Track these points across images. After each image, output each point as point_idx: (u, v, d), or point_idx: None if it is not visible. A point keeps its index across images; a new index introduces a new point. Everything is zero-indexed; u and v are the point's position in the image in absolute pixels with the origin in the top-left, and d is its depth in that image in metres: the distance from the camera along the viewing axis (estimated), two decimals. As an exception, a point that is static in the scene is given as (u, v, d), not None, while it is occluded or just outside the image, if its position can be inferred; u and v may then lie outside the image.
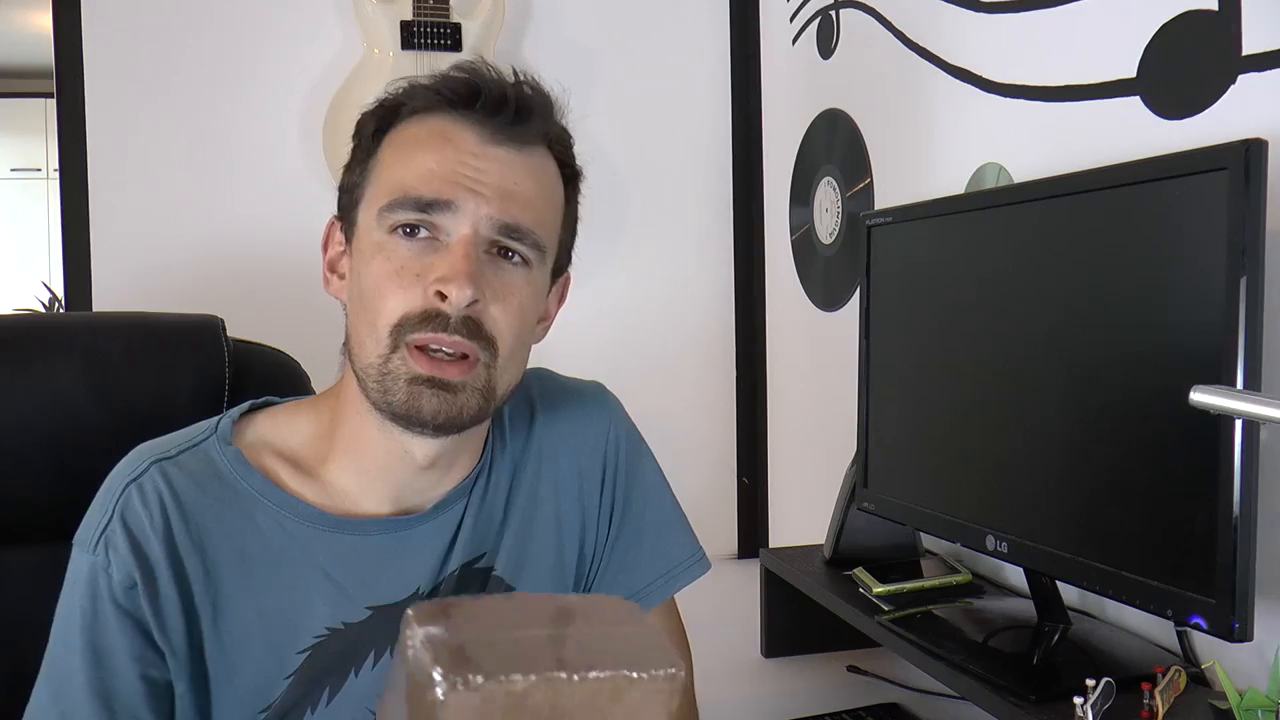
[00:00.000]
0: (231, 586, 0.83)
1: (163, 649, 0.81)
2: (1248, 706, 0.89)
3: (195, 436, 0.87)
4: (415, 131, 0.84)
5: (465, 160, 0.81)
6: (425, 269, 0.79)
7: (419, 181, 0.80)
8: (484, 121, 0.82)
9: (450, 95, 0.83)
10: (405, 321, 0.79)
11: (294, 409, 0.92)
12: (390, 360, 0.80)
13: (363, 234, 0.84)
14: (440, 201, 0.80)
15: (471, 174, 0.80)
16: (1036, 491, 1.08)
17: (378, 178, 0.84)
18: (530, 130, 0.83)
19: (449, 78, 0.84)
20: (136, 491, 0.82)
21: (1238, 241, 0.84)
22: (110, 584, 0.80)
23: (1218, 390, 0.71)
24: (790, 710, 1.27)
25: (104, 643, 0.80)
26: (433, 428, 0.81)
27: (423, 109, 0.84)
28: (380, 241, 0.81)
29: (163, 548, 0.81)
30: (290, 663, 0.84)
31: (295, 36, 1.98)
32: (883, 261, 1.36)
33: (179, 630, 0.81)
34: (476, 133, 0.82)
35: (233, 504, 0.84)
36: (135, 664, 0.80)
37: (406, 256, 0.80)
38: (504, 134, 0.82)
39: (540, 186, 0.84)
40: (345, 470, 0.87)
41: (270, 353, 1.11)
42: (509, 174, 0.82)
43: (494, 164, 0.81)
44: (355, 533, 0.86)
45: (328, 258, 0.89)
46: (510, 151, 0.82)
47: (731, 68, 2.21)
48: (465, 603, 0.43)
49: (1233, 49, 1.03)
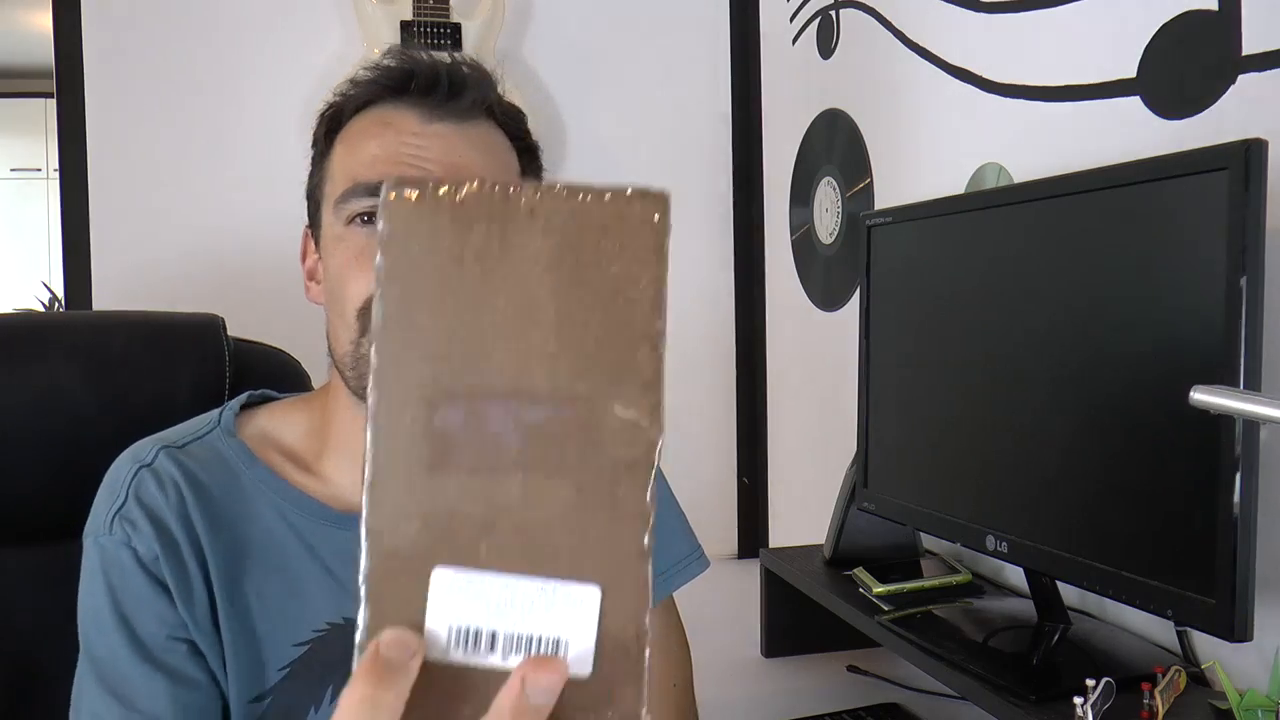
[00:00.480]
0: (237, 571, 0.83)
1: (187, 620, 0.81)
2: (1248, 706, 0.89)
3: (199, 429, 0.87)
4: (361, 124, 0.85)
5: (407, 141, 0.82)
6: None
7: (365, 169, 0.82)
8: (421, 101, 0.83)
9: (387, 82, 0.84)
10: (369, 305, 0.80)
11: (289, 405, 0.92)
12: (361, 345, 0.81)
13: (326, 231, 0.85)
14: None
15: (414, 152, 0.82)
16: (1036, 491, 1.08)
17: (332, 175, 0.85)
18: (466, 103, 0.84)
19: (384, 67, 0.85)
20: (150, 474, 0.82)
21: (1238, 241, 0.84)
22: (135, 556, 0.80)
23: (1218, 390, 0.71)
24: (790, 710, 1.27)
25: (138, 613, 0.80)
26: None
27: (365, 102, 0.85)
28: (340, 234, 0.83)
29: (180, 524, 0.81)
30: (286, 654, 0.84)
31: (295, 37, 1.98)
32: (883, 261, 1.36)
33: (203, 602, 0.81)
34: (416, 113, 0.83)
35: (239, 494, 0.84)
36: (170, 628, 0.80)
37: (364, 242, 0.81)
38: (442, 110, 0.83)
39: (487, 156, 0.85)
40: (339, 466, 0.87)
41: (270, 352, 1.12)
42: (451, 148, 0.83)
43: (435, 140, 0.82)
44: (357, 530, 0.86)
45: (306, 267, 0.91)
46: (450, 126, 0.83)
47: (731, 68, 2.21)
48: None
49: (1233, 49, 1.03)
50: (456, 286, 0.39)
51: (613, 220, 0.39)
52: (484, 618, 0.39)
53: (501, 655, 0.39)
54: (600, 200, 0.39)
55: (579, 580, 0.39)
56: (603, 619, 0.39)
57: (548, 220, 0.39)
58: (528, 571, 0.39)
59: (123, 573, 0.80)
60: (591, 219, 0.39)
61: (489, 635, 0.39)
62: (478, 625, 0.39)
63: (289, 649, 0.84)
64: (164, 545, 0.80)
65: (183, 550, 0.81)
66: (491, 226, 0.39)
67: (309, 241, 0.90)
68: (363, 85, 0.86)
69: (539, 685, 0.37)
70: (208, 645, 0.81)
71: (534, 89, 2.06)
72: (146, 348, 1.05)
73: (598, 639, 0.39)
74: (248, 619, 0.83)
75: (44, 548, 0.99)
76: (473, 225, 0.39)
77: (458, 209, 0.39)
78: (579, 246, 0.39)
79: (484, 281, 0.39)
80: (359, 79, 0.86)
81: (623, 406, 0.39)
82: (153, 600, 0.80)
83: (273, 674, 0.83)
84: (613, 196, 0.39)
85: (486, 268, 0.39)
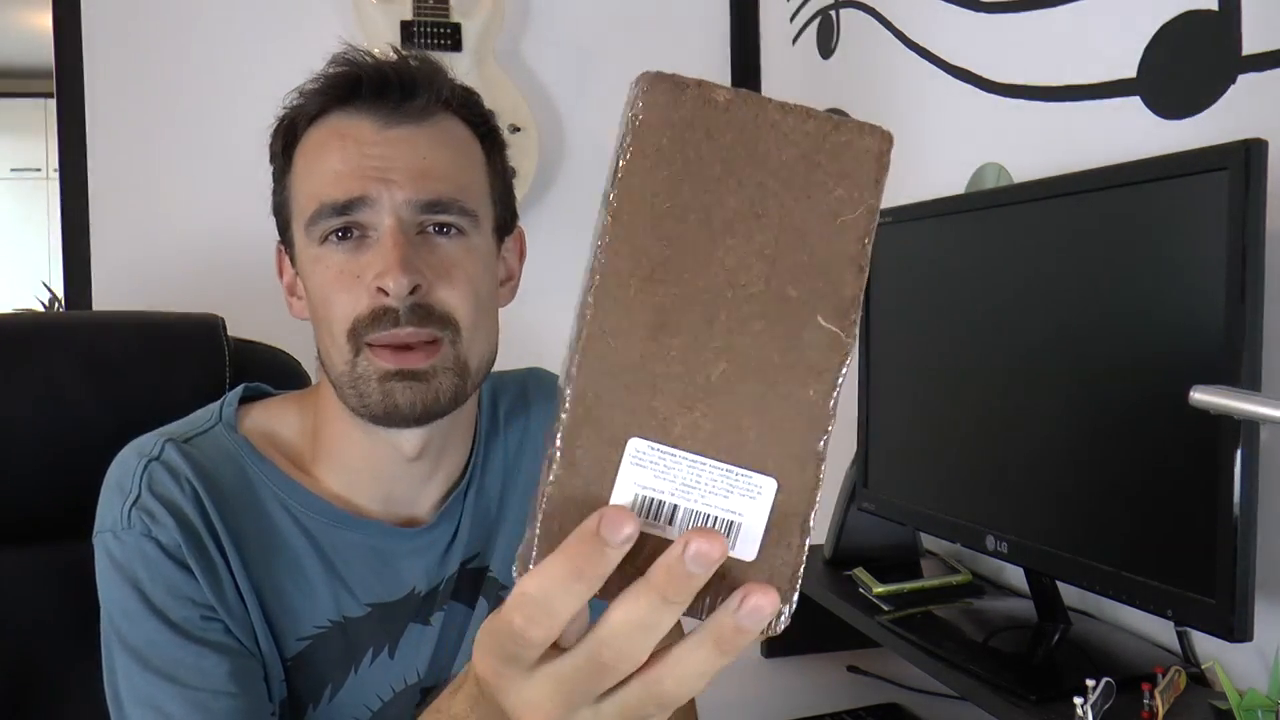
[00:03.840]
0: (252, 562, 0.83)
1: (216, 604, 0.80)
2: (1248, 706, 0.89)
3: (201, 424, 0.87)
4: (317, 137, 0.83)
5: (366, 151, 0.80)
6: (362, 268, 0.79)
7: (329, 186, 0.80)
8: (373, 107, 0.81)
9: (335, 91, 0.82)
10: (357, 324, 0.79)
11: (285, 402, 0.92)
12: (356, 365, 0.80)
13: (300, 251, 0.84)
14: (354, 200, 0.79)
15: (375, 163, 0.80)
16: (1036, 491, 1.08)
17: (296, 194, 0.83)
18: (421, 102, 0.82)
19: (330, 75, 0.83)
20: (160, 466, 0.82)
21: (1238, 241, 0.84)
22: (159, 546, 0.79)
23: (1218, 390, 0.71)
24: (790, 710, 1.27)
25: (170, 599, 0.79)
26: (413, 420, 0.80)
27: (317, 113, 0.83)
28: (316, 254, 0.81)
29: (197, 514, 0.81)
30: (289, 648, 0.84)
31: (295, 36, 1.98)
32: (883, 261, 1.36)
33: (230, 588, 0.81)
34: (370, 120, 0.81)
35: (247, 488, 0.84)
36: (203, 609, 0.80)
37: (342, 260, 0.80)
38: (397, 114, 0.81)
39: (452, 153, 0.83)
40: (334, 469, 0.87)
41: (270, 352, 1.12)
42: (413, 152, 0.81)
43: (395, 147, 0.80)
44: (359, 531, 0.86)
45: (285, 282, 0.89)
46: (408, 129, 0.81)
47: (731, 68, 2.21)
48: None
49: (1233, 49, 1.03)
50: (696, 179, 0.41)
51: (843, 148, 0.41)
52: (668, 491, 0.41)
53: (678, 529, 0.41)
54: (835, 127, 0.42)
55: (760, 471, 0.41)
56: (773, 511, 0.41)
57: (787, 136, 0.41)
58: (714, 455, 0.41)
59: (148, 563, 0.79)
60: (825, 143, 0.41)
61: (670, 509, 0.41)
62: (661, 497, 0.41)
63: (293, 643, 0.84)
64: (185, 535, 0.80)
65: (204, 539, 0.80)
66: (738, 133, 0.41)
67: (283, 257, 0.89)
68: (310, 96, 0.83)
69: (699, 553, 0.38)
70: (238, 629, 0.81)
71: (534, 89, 2.06)
72: (146, 348, 1.05)
73: (766, 528, 0.41)
74: (260, 609, 0.83)
75: (44, 548, 0.99)
76: (722, 128, 0.41)
77: (709, 110, 0.41)
78: (811, 165, 0.41)
79: (721, 180, 0.41)
80: (306, 89, 0.84)
81: (825, 318, 0.41)
82: (183, 585, 0.79)
83: (276, 665, 0.84)
84: (846, 126, 0.42)
85: (726, 169, 0.41)
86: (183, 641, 0.78)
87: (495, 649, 0.43)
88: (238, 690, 0.78)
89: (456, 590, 0.90)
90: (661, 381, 0.41)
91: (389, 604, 0.87)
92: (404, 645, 0.88)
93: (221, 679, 0.78)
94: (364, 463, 0.86)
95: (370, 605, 0.86)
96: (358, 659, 0.86)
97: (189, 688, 0.77)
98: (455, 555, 0.90)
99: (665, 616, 0.40)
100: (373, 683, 0.86)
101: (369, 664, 0.86)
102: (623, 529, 0.38)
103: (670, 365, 0.41)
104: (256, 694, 0.80)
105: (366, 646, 0.86)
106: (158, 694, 0.77)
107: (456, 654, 0.90)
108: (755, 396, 0.41)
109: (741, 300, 0.41)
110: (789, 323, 0.41)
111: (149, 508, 0.80)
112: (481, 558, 0.92)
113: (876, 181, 0.42)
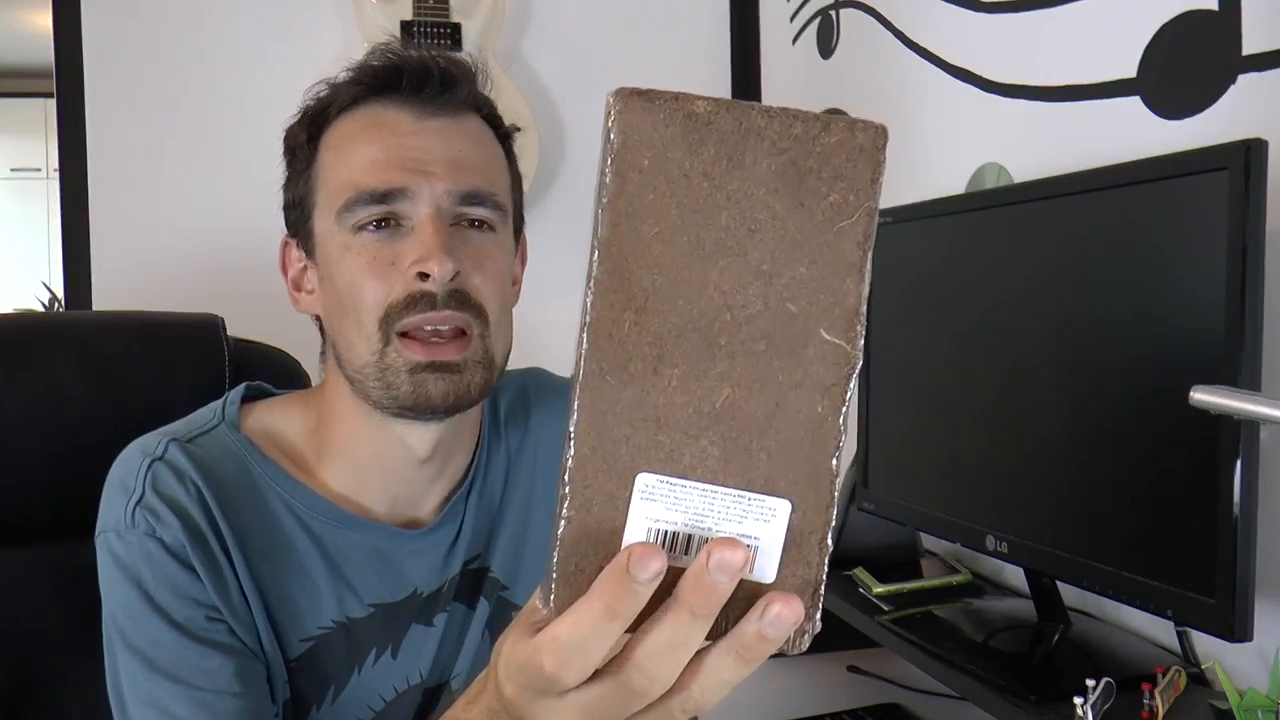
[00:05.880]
0: (256, 562, 0.83)
1: (221, 605, 0.80)
2: (1248, 706, 0.89)
3: (203, 423, 0.87)
4: (349, 127, 0.83)
5: (405, 142, 0.80)
6: (398, 255, 0.79)
7: (368, 175, 0.80)
8: (413, 99, 0.82)
9: (373, 82, 0.82)
10: (391, 310, 0.79)
11: (288, 402, 0.92)
12: (385, 355, 0.79)
13: (324, 241, 0.83)
14: (394, 190, 0.79)
15: (416, 154, 0.80)
16: (1036, 491, 1.08)
17: (325, 183, 0.83)
18: (459, 97, 0.83)
19: (368, 66, 0.83)
20: (164, 466, 0.81)
21: (1238, 241, 0.84)
22: (163, 546, 0.79)
23: (1218, 390, 0.71)
24: (790, 710, 1.27)
25: (174, 599, 0.79)
26: (443, 411, 0.80)
27: (349, 103, 0.83)
28: (346, 241, 0.81)
29: (202, 514, 0.80)
30: (293, 649, 0.84)
31: (295, 36, 1.98)
32: (883, 262, 1.35)
33: (235, 589, 0.81)
34: (409, 112, 0.82)
35: (251, 489, 0.84)
36: (207, 609, 0.80)
37: (377, 247, 0.80)
38: (435, 106, 0.82)
39: (483, 149, 0.84)
40: (341, 469, 0.87)
41: (270, 352, 1.12)
42: (451, 145, 0.81)
43: (434, 139, 0.81)
44: (362, 532, 0.86)
45: (290, 277, 0.89)
46: (446, 122, 0.82)
47: (731, 68, 2.21)
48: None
49: (1233, 49, 1.03)
50: (683, 199, 0.40)
51: (835, 149, 0.40)
52: (682, 522, 0.40)
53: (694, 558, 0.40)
54: (825, 128, 0.40)
55: (773, 494, 0.41)
56: (789, 532, 0.41)
57: (774, 143, 0.40)
58: (726, 481, 0.40)
59: (152, 562, 0.78)
60: (815, 146, 0.40)
61: (684, 539, 0.41)
62: (676, 529, 0.41)
63: (297, 643, 0.84)
64: (190, 535, 0.79)
65: (208, 539, 0.80)
66: (721, 145, 0.40)
67: (290, 251, 0.88)
68: (344, 86, 0.83)
69: (722, 561, 0.39)
70: (242, 630, 0.81)
71: (534, 89, 2.06)
72: (146, 348, 1.05)
73: (783, 549, 0.41)
74: (264, 610, 0.83)
75: (44, 548, 0.99)
76: (704, 142, 0.40)
77: (689, 124, 0.40)
78: (802, 172, 0.40)
79: (709, 197, 0.40)
80: (337, 81, 0.84)
81: (828, 331, 0.41)
82: (187, 585, 0.79)
83: (280, 668, 0.83)
84: (837, 125, 0.40)
85: (713, 184, 0.40)
86: (187, 642, 0.78)
87: (524, 684, 0.43)
88: (243, 690, 0.78)
89: (459, 591, 0.90)
90: (665, 413, 0.40)
91: (392, 605, 0.87)
92: (407, 646, 0.87)
93: (226, 679, 0.78)
94: (373, 462, 0.86)
95: (373, 606, 0.86)
96: (361, 660, 0.86)
97: (194, 688, 0.77)
98: (458, 556, 0.90)
99: (694, 632, 0.40)
100: (375, 683, 0.86)
101: (372, 665, 0.86)
102: (650, 565, 0.38)
103: (672, 396, 0.40)
104: (261, 695, 0.80)
105: (369, 647, 0.86)
106: (162, 694, 0.77)
107: (458, 655, 0.90)
108: (762, 418, 0.40)
109: (741, 322, 0.40)
110: (791, 340, 0.40)
111: (153, 507, 0.79)
112: (483, 559, 0.92)
113: (873, 181, 0.40)
